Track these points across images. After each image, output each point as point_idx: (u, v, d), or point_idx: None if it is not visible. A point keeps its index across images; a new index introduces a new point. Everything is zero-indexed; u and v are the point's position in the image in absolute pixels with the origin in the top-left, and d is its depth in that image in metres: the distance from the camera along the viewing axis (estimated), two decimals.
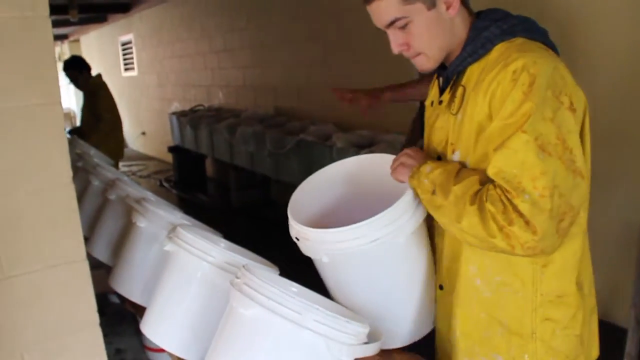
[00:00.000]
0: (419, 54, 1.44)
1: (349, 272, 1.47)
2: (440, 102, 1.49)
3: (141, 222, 1.93)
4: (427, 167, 1.39)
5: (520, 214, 1.20)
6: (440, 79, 1.53)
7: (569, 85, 1.29)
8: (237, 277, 1.27)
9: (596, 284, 1.49)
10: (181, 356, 1.55)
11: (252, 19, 7.04)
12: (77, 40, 15.61)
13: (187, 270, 1.54)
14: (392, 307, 1.52)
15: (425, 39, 1.41)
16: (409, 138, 3.03)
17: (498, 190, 1.24)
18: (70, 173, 1.47)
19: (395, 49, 1.44)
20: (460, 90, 1.42)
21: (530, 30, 1.38)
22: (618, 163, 3.26)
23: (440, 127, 1.50)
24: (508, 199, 1.22)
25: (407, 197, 1.40)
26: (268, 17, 6.65)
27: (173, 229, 1.62)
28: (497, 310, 1.42)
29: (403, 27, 1.40)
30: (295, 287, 1.35)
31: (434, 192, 1.35)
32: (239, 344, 1.24)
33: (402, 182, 1.46)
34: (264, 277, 1.22)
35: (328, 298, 1.46)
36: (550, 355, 1.41)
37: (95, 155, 3.20)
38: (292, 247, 1.53)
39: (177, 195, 8.00)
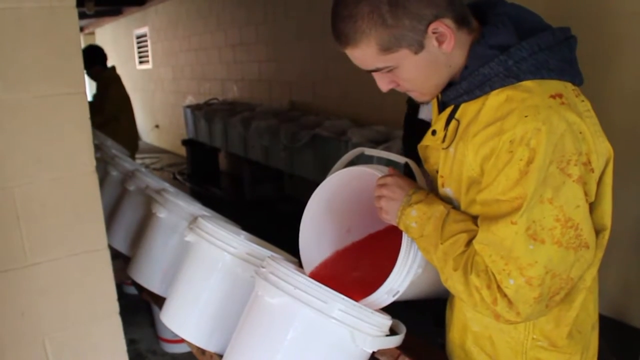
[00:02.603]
0: (411, 90, 1.29)
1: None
2: (434, 133, 1.32)
3: (161, 213, 1.94)
4: (412, 211, 1.27)
5: (504, 295, 1.12)
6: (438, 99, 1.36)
7: (587, 141, 1.13)
8: (263, 267, 1.28)
9: (609, 284, 1.47)
10: (201, 346, 1.56)
11: (268, 13, 7.03)
12: (93, 33, 15.68)
13: (208, 261, 1.55)
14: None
15: (416, 81, 1.25)
16: (405, 135, 3.04)
17: (485, 260, 1.15)
18: (93, 162, 1.49)
19: (384, 88, 1.28)
20: (453, 123, 1.26)
21: (543, 66, 1.16)
22: (633, 161, 3.24)
23: (431, 154, 1.38)
24: (494, 277, 1.13)
25: (405, 244, 1.33)
26: (285, 11, 6.65)
27: (194, 219, 1.63)
28: (487, 345, 1.35)
29: (389, 71, 1.24)
30: None
31: (422, 236, 1.26)
32: (264, 332, 1.25)
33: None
34: (290, 266, 1.23)
35: None
36: None
37: (113, 147, 3.22)
38: None
39: (191, 188, 8.02)
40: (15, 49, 1.34)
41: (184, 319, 1.60)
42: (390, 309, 1.34)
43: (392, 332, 1.32)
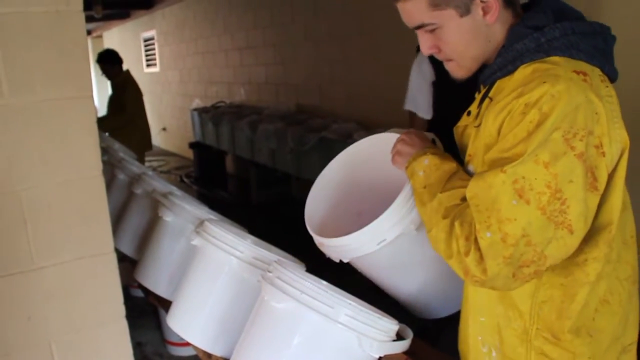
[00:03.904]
0: (450, 59, 1.33)
1: (374, 268, 1.53)
2: (469, 113, 1.38)
3: (168, 216, 1.94)
4: (425, 159, 1.33)
5: (478, 247, 1.14)
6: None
7: (601, 124, 1.14)
8: (269, 271, 1.28)
9: None
10: (207, 350, 1.56)
11: (275, 16, 7.05)
12: (100, 36, 15.74)
13: (214, 265, 1.54)
14: (416, 284, 1.55)
15: (457, 48, 1.29)
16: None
17: (472, 211, 1.17)
18: (100, 166, 1.49)
19: (425, 51, 1.33)
20: (486, 102, 1.30)
21: (573, 47, 1.20)
22: None
23: (467, 136, 1.38)
24: (475, 227, 1.15)
25: (405, 192, 1.37)
26: (291, 14, 6.66)
27: (200, 223, 1.63)
28: (494, 335, 1.35)
29: (432, 31, 1.29)
30: (324, 282, 1.35)
31: (425, 187, 1.30)
32: (270, 337, 1.25)
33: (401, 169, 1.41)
34: (296, 271, 1.22)
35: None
36: None
37: (120, 150, 3.22)
38: (312, 245, 1.56)
39: (198, 191, 8.04)
40: (23, 53, 1.34)
41: (190, 322, 1.59)
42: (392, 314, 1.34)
43: (399, 337, 1.31)
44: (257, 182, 6.97)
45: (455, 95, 2.15)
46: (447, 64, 1.35)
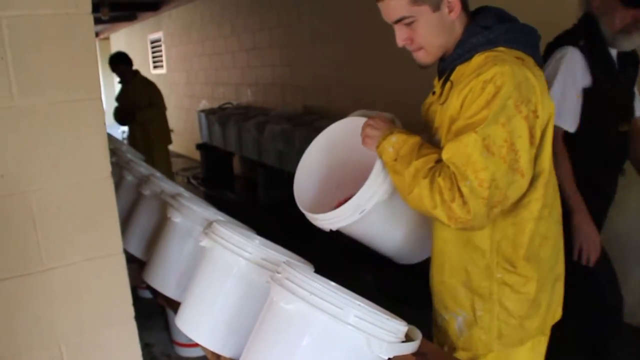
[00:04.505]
0: (420, 48, 1.66)
1: (359, 231, 1.82)
2: (434, 93, 1.76)
3: (176, 218, 1.94)
4: (392, 137, 1.62)
5: (461, 194, 1.46)
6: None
7: (536, 94, 1.51)
8: (278, 272, 1.28)
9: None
10: (216, 351, 1.56)
11: (282, 17, 7.06)
12: (107, 38, 15.79)
13: (222, 266, 1.54)
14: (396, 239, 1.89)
15: (428, 37, 1.63)
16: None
17: (450, 169, 1.48)
18: (109, 167, 1.49)
19: (400, 42, 1.67)
20: (448, 84, 1.65)
21: (512, 41, 1.59)
22: None
23: (433, 111, 1.74)
24: (456, 179, 1.47)
25: (377, 169, 1.67)
26: (298, 15, 6.66)
27: (209, 224, 1.63)
28: (463, 275, 1.71)
29: (409, 24, 1.62)
30: (333, 283, 1.35)
31: (396, 160, 1.59)
32: (279, 338, 1.24)
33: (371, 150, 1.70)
34: (305, 272, 1.22)
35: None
36: (503, 314, 1.68)
37: (128, 151, 3.23)
38: (319, 246, 1.63)
39: (205, 192, 8.05)
40: (32, 55, 1.34)
41: (199, 323, 1.60)
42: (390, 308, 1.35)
43: (408, 338, 1.31)
44: (264, 183, 6.98)
45: (608, 103, 2.51)
46: (417, 53, 1.69)
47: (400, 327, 1.24)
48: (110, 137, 3.63)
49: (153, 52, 12.36)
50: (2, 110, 1.32)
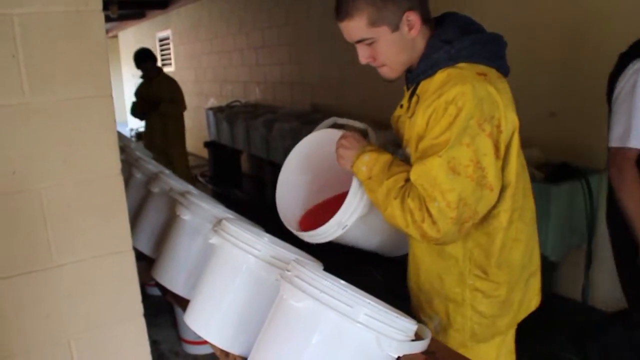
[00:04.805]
0: (383, 65, 1.69)
1: (343, 240, 1.84)
2: (401, 106, 1.79)
3: (185, 215, 1.94)
4: (365, 156, 1.66)
5: (430, 215, 1.51)
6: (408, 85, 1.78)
7: (499, 109, 1.53)
8: (288, 270, 1.28)
9: None
10: (225, 348, 1.56)
11: (290, 15, 7.05)
12: (116, 36, 15.82)
13: (232, 264, 1.54)
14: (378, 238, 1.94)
15: (389, 56, 1.66)
16: None
17: (418, 190, 1.53)
18: (119, 164, 1.49)
19: (363, 60, 1.70)
20: (415, 98, 1.68)
21: (474, 55, 1.59)
22: None
23: (402, 123, 1.78)
24: (424, 200, 1.52)
25: (354, 188, 1.72)
26: (306, 13, 6.66)
27: (218, 222, 1.63)
28: (437, 281, 1.77)
29: (370, 44, 1.65)
30: (343, 282, 1.35)
31: (370, 178, 1.63)
32: (289, 336, 1.24)
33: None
34: (315, 270, 1.22)
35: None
36: (476, 316, 1.74)
37: (137, 149, 3.24)
38: (327, 244, 1.71)
39: (212, 190, 8.06)
40: (43, 52, 1.35)
41: (208, 321, 1.60)
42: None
43: (417, 336, 1.31)
44: (272, 181, 6.95)
45: None
46: (381, 69, 1.72)
47: (410, 325, 1.23)
48: (119, 135, 3.63)
49: (161, 50, 12.38)
50: (13, 107, 1.33)
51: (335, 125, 1.93)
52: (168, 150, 6.43)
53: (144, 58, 6.33)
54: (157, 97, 6.32)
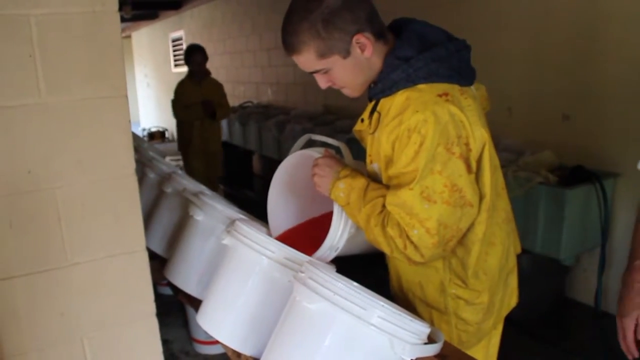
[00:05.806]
0: (344, 87, 1.66)
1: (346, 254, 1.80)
2: (362, 121, 1.72)
3: (198, 215, 1.95)
4: (340, 184, 1.62)
5: (411, 241, 1.49)
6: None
7: (466, 128, 1.50)
8: (301, 272, 1.28)
9: None
10: (237, 349, 1.56)
11: None
12: (129, 37, 15.88)
13: (245, 264, 1.55)
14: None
15: (347, 80, 1.62)
16: None
17: (396, 217, 1.50)
18: (133, 164, 1.50)
19: (323, 86, 1.67)
20: (376, 115, 1.63)
21: (433, 74, 1.53)
22: None
23: (364, 138, 1.76)
24: (404, 228, 1.50)
25: (336, 214, 1.68)
26: None
27: (231, 223, 1.63)
28: (418, 289, 1.76)
29: (325, 72, 1.61)
30: (356, 284, 1.35)
31: (348, 204, 1.61)
32: (302, 337, 1.24)
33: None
34: (328, 272, 1.22)
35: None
36: (461, 323, 1.73)
37: (150, 149, 3.25)
38: None
39: (224, 190, 8.07)
40: (59, 53, 1.35)
41: (220, 321, 1.60)
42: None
43: (430, 340, 1.31)
44: None
45: None
46: (343, 89, 1.68)
47: (423, 328, 1.23)
48: (132, 135, 3.65)
49: (174, 51, 12.42)
50: (29, 107, 1.34)
51: (310, 142, 1.94)
52: (208, 154, 6.27)
53: (196, 53, 5.97)
54: (209, 100, 6.00)
